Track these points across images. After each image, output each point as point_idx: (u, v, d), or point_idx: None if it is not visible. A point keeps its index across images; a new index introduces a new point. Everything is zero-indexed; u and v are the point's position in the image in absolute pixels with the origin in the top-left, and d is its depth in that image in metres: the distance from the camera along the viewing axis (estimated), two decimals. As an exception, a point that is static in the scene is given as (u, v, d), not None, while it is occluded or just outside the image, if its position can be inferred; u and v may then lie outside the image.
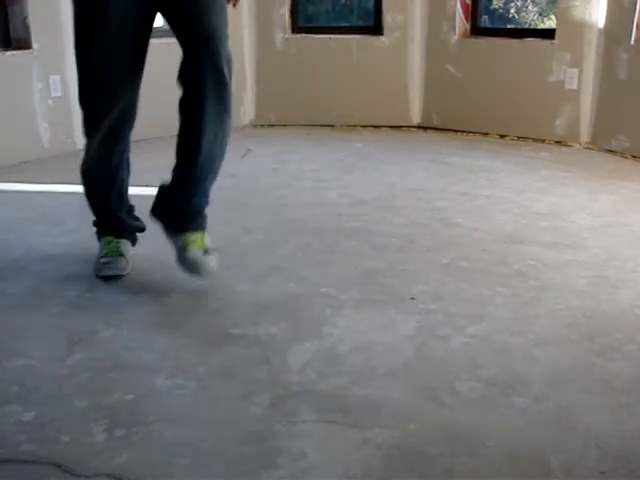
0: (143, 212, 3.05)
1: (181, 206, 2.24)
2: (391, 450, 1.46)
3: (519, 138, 4.45)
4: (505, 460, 1.43)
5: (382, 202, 3.18)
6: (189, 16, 2.16)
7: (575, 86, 4.21)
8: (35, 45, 3.89)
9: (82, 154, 2.35)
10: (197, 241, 2.19)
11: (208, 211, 2.28)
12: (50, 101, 3.99)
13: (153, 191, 2.37)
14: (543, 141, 4.36)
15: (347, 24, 5.78)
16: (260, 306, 2.13)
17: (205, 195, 2.25)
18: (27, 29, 3.87)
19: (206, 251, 2.19)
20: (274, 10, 4.81)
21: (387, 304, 2.14)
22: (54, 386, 1.70)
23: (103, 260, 2.35)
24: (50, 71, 3.97)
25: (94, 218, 2.50)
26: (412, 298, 2.18)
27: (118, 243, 2.41)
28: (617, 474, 1.39)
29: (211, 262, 2.18)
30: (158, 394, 1.67)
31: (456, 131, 4.66)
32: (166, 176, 2.31)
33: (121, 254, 2.38)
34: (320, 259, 2.50)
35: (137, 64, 2.22)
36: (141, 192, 3.36)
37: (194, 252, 2.16)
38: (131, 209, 2.53)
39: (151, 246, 2.66)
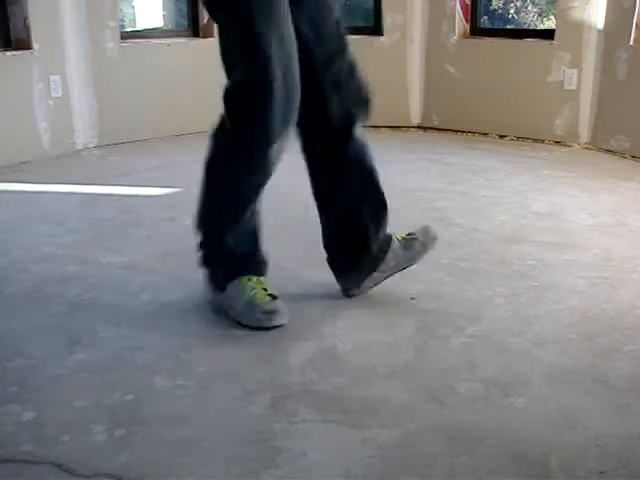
0: (144, 212, 3.06)
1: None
2: (391, 450, 1.46)
3: (519, 138, 4.45)
4: (505, 460, 1.43)
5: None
6: None
7: (575, 86, 4.22)
8: (35, 45, 3.89)
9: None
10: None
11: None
12: (50, 101, 4.00)
13: (153, 191, 2.37)
14: (543, 141, 4.37)
15: (347, 24, 5.77)
16: (260, 306, 2.13)
17: None
18: (27, 29, 3.88)
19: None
20: (274, 10, 4.80)
21: (387, 304, 2.14)
22: (54, 386, 1.70)
23: (267, 308, 1.97)
24: (50, 71, 3.97)
25: (229, 254, 2.08)
26: (412, 298, 2.18)
27: (265, 283, 2.03)
28: (617, 474, 1.39)
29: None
30: (158, 394, 1.67)
31: (456, 131, 4.67)
32: (165, 176, 2.30)
33: (276, 297, 2.00)
34: (320, 259, 2.50)
35: None
36: (141, 192, 3.37)
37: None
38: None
39: (151, 246, 2.66)
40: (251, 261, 2.07)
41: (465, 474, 1.39)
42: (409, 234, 2.14)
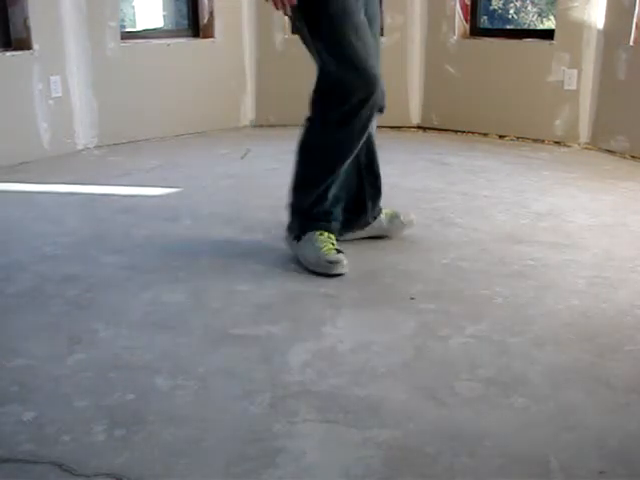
0: (144, 212, 3.06)
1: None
2: (391, 450, 1.46)
3: (518, 138, 4.45)
4: (505, 460, 1.43)
5: (382, 202, 3.17)
6: None
7: (574, 86, 4.22)
8: (35, 45, 3.89)
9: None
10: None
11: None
12: (50, 101, 4.00)
13: (153, 191, 2.37)
14: (542, 141, 4.37)
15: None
16: (260, 306, 2.14)
17: None
18: (27, 29, 3.88)
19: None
20: (274, 10, 4.79)
21: (387, 304, 2.15)
22: (54, 386, 1.71)
23: (332, 259, 2.35)
24: (50, 71, 3.97)
25: (306, 209, 2.44)
26: (412, 298, 2.18)
27: (334, 239, 2.44)
28: (617, 474, 1.39)
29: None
30: (158, 394, 1.67)
31: (456, 131, 4.67)
32: (165, 176, 2.31)
33: (341, 251, 2.39)
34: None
35: None
36: (141, 192, 3.37)
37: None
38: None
39: (151, 246, 2.66)
40: (325, 219, 2.45)
41: (465, 474, 1.39)
42: (395, 213, 2.68)
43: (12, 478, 1.39)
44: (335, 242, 2.41)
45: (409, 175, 3.63)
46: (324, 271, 2.33)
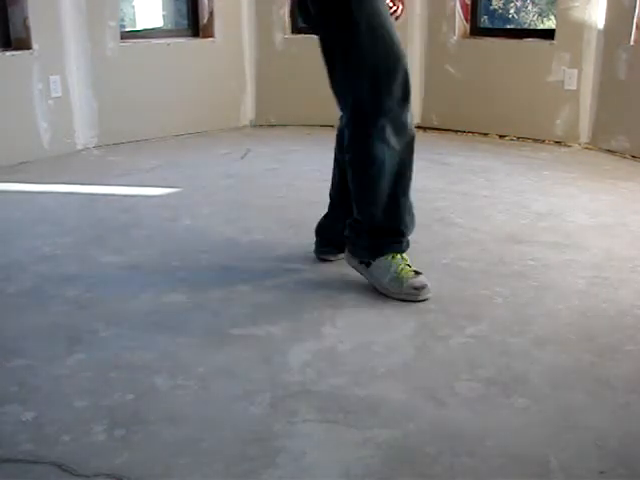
0: (144, 212, 3.06)
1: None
2: (391, 450, 1.46)
3: (518, 138, 4.45)
4: (505, 460, 1.43)
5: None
6: None
7: (575, 86, 4.21)
8: (35, 45, 3.89)
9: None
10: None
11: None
12: (50, 101, 4.00)
13: (153, 191, 2.38)
14: (542, 141, 4.36)
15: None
16: (260, 306, 2.14)
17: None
18: (27, 29, 3.88)
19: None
20: (274, 10, 4.81)
21: (387, 304, 2.15)
22: (54, 386, 1.70)
23: (418, 284, 2.16)
24: (50, 71, 3.97)
25: (384, 231, 2.24)
26: (412, 298, 2.18)
27: (407, 259, 2.24)
28: (617, 474, 1.39)
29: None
30: (158, 394, 1.67)
31: (456, 131, 4.67)
32: (165, 176, 2.31)
33: (419, 273, 2.21)
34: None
35: None
36: (141, 192, 3.37)
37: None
38: None
39: (151, 246, 2.66)
40: (394, 239, 2.24)
41: (465, 474, 1.39)
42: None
43: (12, 478, 1.39)
44: (410, 263, 2.22)
45: (409, 175, 3.63)
46: (410, 299, 2.15)
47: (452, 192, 3.31)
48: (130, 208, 3.11)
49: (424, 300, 2.15)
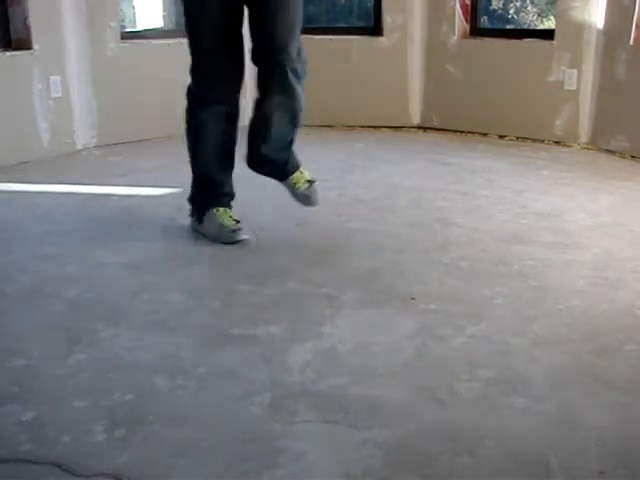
0: (144, 212, 3.06)
1: (271, 166, 2.67)
2: (391, 450, 1.46)
3: (518, 138, 4.45)
4: (505, 460, 1.43)
5: (382, 202, 3.18)
6: (263, 16, 2.53)
7: (574, 86, 4.22)
8: (35, 45, 3.89)
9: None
10: (299, 179, 2.67)
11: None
12: (50, 101, 3.99)
13: (153, 191, 2.38)
14: (542, 141, 4.37)
15: (347, 25, 5.78)
16: (260, 306, 2.14)
17: (283, 155, 2.65)
18: (27, 29, 3.87)
19: (310, 181, 2.68)
20: (274, 10, 4.80)
21: (387, 304, 2.15)
22: (54, 386, 1.70)
23: (233, 228, 2.62)
24: (50, 71, 3.97)
25: (195, 192, 2.72)
26: (412, 298, 2.18)
27: (230, 212, 2.69)
28: (617, 474, 1.39)
29: (317, 190, 2.69)
30: (158, 394, 1.67)
31: (456, 131, 4.67)
32: (165, 176, 2.31)
33: (239, 221, 2.65)
34: (320, 259, 2.51)
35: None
36: (141, 192, 3.37)
37: (301, 188, 2.67)
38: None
39: (151, 246, 2.66)
40: (218, 196, 2.70)
41: (465, 474, 1.39)
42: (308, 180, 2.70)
43: (12, 478, 1.39)
44: (231, 214, 2.68)
45: (409, 175, 3.63)
46: (229, 240, 2.60)
47: (452, 192, 3.31)
48: (130, 208, 3.11)
49: (242, 240, 2.61)
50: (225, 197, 2.72)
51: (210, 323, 2.03)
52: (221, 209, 2.66)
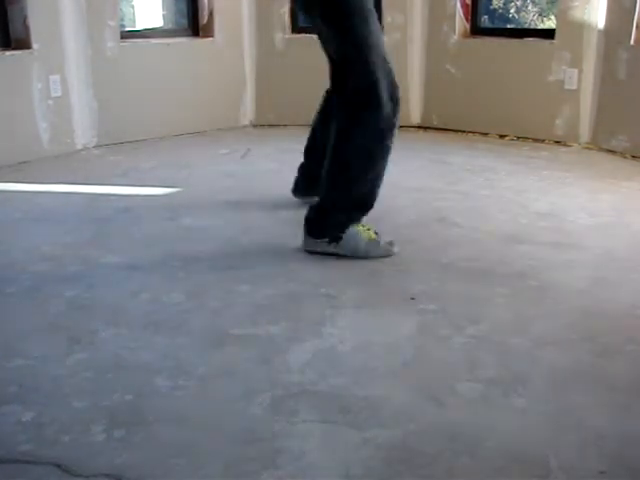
0: (144, 212, 3.06)
1: None
2: (391, 450, 1.46)
3: (519, 138, 4.45)
4: (505, 460, 1.43)
5: (382, 202, 3.17)
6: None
7: (575, 86, 4.21)
8: (35, 45, 3.89)
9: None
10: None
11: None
12: (50, 101, 3.99)
13: (153, 191, 2.37)
14: (543, 141, 4.36)
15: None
16: (260, 306, 2.14)
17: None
18: (27, 29, 3.87)
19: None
20: (274, 10, 4.81)
21: (387, 304, 2.14)
22: (54, 386, 1.70)
23: (388, 241, 2.53)
24: (50, 71, 3.97)
25: (338, 214, 2.51)
26: (412, 298, 2.18)
27: (367, 225, 2.56)
28: (617, 474, 1.39)
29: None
30: (158, 394, 1.67)
31: (456, 131, 4.66)
32: (165, 176, 2.31)
33: (377, 233, 2.55)
34: (320, 259, 2.50)
35: None
36: (141, 192, 3.37)
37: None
38: None
39: (151, 246, 2.66)
40: (362, 211, 2.54)
41: (465, 474, 1.39)
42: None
43: (12, 478, 1.39)
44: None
45: (409, 175, 3.63)
46: (389, 253, 2.50)
47: (452, 192, 3.31)
48: (130, 208, 3.10)
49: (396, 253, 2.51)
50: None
51: (210, 323, 2.03)
52: (359, 225, 2.51)
